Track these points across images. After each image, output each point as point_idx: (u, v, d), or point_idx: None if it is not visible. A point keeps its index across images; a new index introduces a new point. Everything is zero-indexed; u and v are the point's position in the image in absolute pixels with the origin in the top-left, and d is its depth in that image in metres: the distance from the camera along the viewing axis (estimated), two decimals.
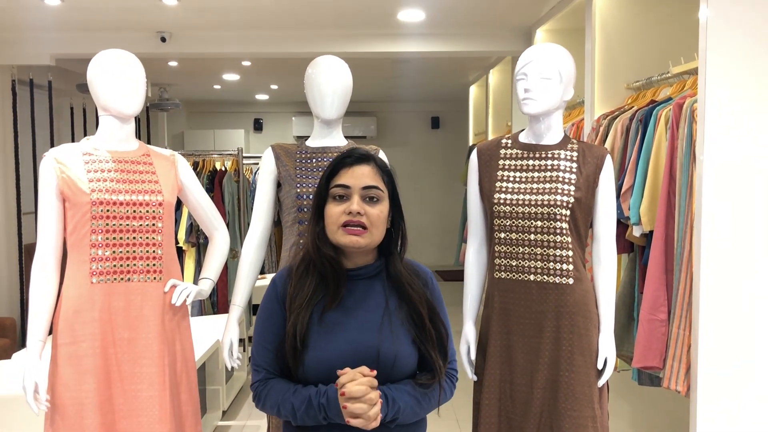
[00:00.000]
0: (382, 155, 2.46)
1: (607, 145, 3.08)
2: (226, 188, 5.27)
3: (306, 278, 1.59)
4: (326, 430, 1.53)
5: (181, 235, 5.00)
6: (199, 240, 5.08)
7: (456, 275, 2.41)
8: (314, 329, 1.54)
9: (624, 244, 2.97)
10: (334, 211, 1.56)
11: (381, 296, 1.60)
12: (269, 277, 5.15)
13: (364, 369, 1.48)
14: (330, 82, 2.37)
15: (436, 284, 1.71)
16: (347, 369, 1.47)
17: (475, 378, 2.27)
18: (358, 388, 1.45)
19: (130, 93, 2.20)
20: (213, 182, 5.30)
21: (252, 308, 5.46)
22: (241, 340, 4.90)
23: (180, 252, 5.12)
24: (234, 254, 4.88)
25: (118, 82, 2.18)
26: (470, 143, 7.68)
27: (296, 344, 1.51)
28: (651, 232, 2.72)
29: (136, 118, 2.30)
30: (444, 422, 4.21)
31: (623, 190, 2.86)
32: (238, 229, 5.26)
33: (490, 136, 6.45)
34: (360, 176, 1.57)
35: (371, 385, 1.46)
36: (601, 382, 2.14)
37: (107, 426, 2.12)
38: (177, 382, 2.26)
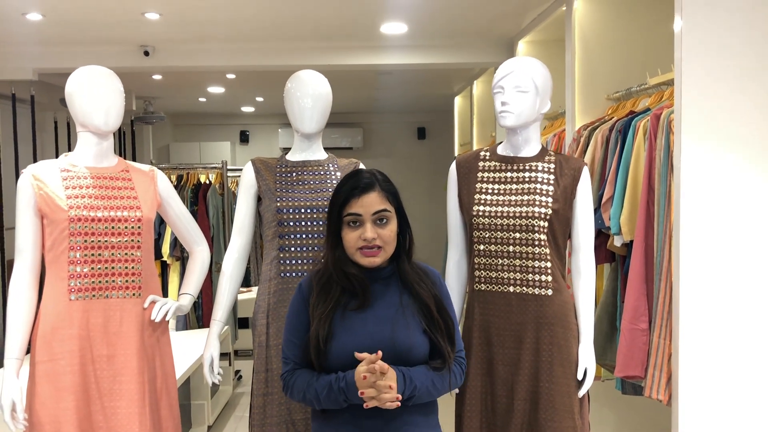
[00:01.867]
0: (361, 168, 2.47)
1: (588, 155, 3.10)
2: (211, 201, 5.25)
3: (328, 290, 1.79)
4: (349, 411, 1.72)
5: (166, 248, 4.98)
6: (183, 254, 5.06)
7: None
8: (337, 326, 1.74)
9: (605, 254, 2.98)
10: (351, 237, 1.77)
11: (395, 294, 1.81)
12: (255, 290, 5.13)
13: (379, 353, 1.67)
14: (309, 97, 2.38)
15: (443, 283, 1.91)
16: (365, 353, 1.67)
17: (456, 390, 2.27)
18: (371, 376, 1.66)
19: (108, 109, 2.19)
20: (197, 195, 5.28)
21: (238, 321, 5.44)
22: (225, 354, 4.88)
23: (164, 266, 5.10)
24: (219, 267, 4.85)
25: (95, 98, 2.17)
26: (456, 154, 7.71)
27: (319, 346, 1.72)
28: (632, 241, 2.74)
29: (121, 131, 2.30)
30: None
31: (604, 200, 2.88)
32: (222, 242, 5.24)
33: (475, 147, 6.48)
34: (369, 204, 1.76)
35: (382, 370, 1.65)
36: (582, 392, 2.15)
37: None
38: (157, 399, 2.25)
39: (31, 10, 4.17)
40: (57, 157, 2.30)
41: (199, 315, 5.27)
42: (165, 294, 4.51)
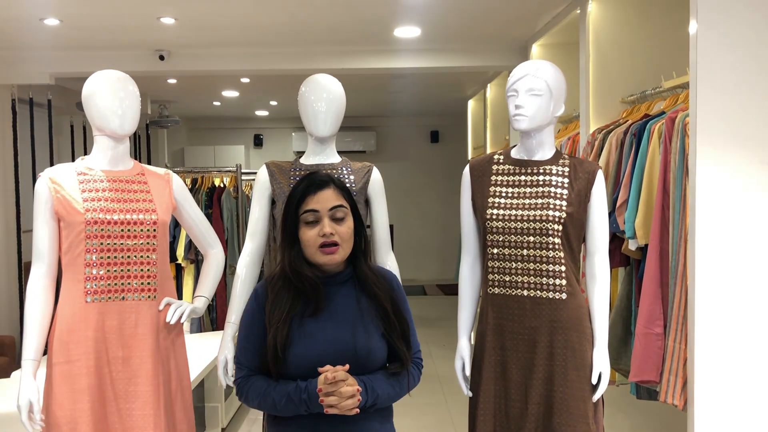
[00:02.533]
0: (375, 172, 2.48)
1: (602, 159, 3.09)
2: (225, 205, 5.28)
3: (283, 294, 1.77)
4: (306, 417, 1.72)
5: (180, 251, 5.01)
6: (198, 257, 5.09)
7: (456, 289, 2.42)
8: (295, 333, 1.73)
9: (620, 257, 2.97)
10: (309, 235, 1.76)
11: (353, 298, 1.80)
12: None
13: (346, 366, 1.68)
14: (323, 100, 2.39)
15: (400, 286, 1.92)
16: (328, 366, 1.67)
17: (470, 394, 2.26)
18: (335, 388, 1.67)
19: (125, 113, 2.21)
20: (212, 199, 5.31)
21: None
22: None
23: (179, 268, 5.13)
24: (233, 270, 4.88)
25: (112, 102, 2.19)
26: (469, 157, 7.70)
27: (277, 354, 1.70)
28: (646, 245, 2.72)
29: (136, 135, 2.33)
30: None
31: (618, 203, 2.86)
32: (236, 245, 5.27)
33: (489, 150, 6.47)
34: (325, 200, 1.77)
35: (343, 378, 1.66)
36: (596, 397, 2.14)
37: None
38: (172, 401, 2.26)
39: (48, 16, 4.21)
40: (73, 160, 2.33)
41: (213, 318, 5.30)
42: (180, 296, 4.53)
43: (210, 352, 3.88)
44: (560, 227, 2.14)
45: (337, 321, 1.76)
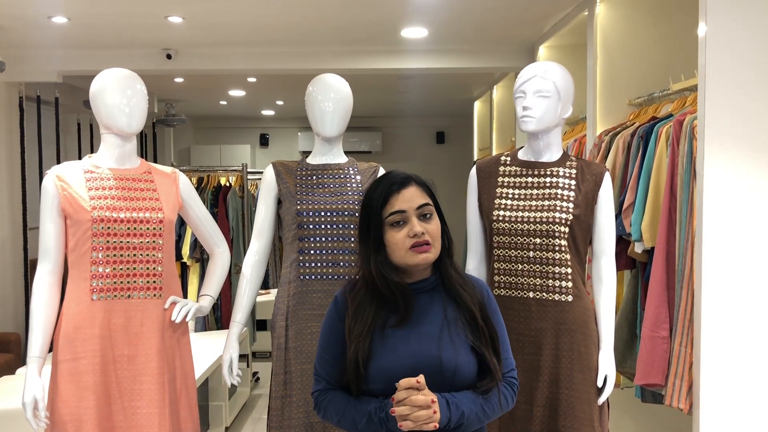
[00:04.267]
0: (381, 172, 2.48)
1: (609, 161, 3.08)
2: (231, 204, 5.28)
3: (365, 307, 1.63)
4: None
5: (186, 250, 5.01)
6: (203, 255, 5.09)
7: None
8: (376, 346, 1.59)
9: (626, 260, 2.96)
10: (398, 237, 1.60)
11: (440, 307, 1.64)
12: (273, 292, 5.16)
13: (421, 376, 1.51)
14: (330, 100, 2.39)
15: (491, 296, 1.73)
16: (404, 380, 1.50)
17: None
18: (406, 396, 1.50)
19: (132, 111, 2.21)
20: (217, 198, 5.32)
21: (256, 324, 5.46)
22: (243, 356, 4.90)
23: (184, 267, 5.14)
24: (238, 269, 4.88)
25: (119, 100, 2.20)
26: (475, 158, 7.69)
27: (359, 370, 1.57)
28: (653, 248, 2.71)
29: (143, 133, 2.33)
30: None
31: (625, 206, 2.85)
32: (242, 244, 5.27)
33: (494, 152, 6.46)
34: (410, 198, 1.62)
35: (416, 387, 1.50)
36: (601, 399, 2.13)
37: None
38: (176, 399, 2.26)
39: (56, 14, 4.23)
40: (80, 158, 2.33)
41: (218, 316, 5.30)
42: (185, 295, 4.53)
43: (215, 351, 3.88)
44: (567, 229, 2.13)
45: (422, 332, 1.60)
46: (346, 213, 2.33)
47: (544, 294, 2.14)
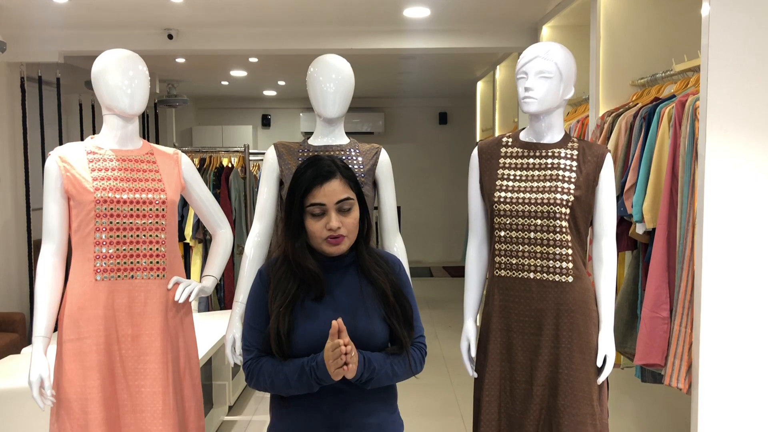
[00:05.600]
0: (383, 153, 2.48)
1: (611, 142, 3.08)
2: (233, 185, 5.29)
3: (286, 281, 1.78)
4: (307, 398, 1.74)
5: (188, 231, 5.03)
6: (206, 236, 5.12)
7: (463, 271, 2.43)
8: (297, 316, 1.75)
9: (627, 241, 2.97)
10: (316, 227, 1.76)
11: (355, 282, 1.82)
12: None
13: (339, 319, 1.67)
14: (331, 81, 2.38)
15: (402, 269, 1.92)
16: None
17: (475, 375, 2.28)
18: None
19: (134, 92, 2.22)
20: (219, 179, 5.33)
21: None
22: None
23: (187, 248, 5.16)
24: (241, 250, 4.91)
25: (121, 81, 2.20)
26: (477, 139, 7.68)
27: (281, 339, 1.72)
28: (654, 229, 2.72)
29: (144, 114, 2.33)
30: (449, 418, 4.23)
31: (626, 187, 2.86)
32: (244, 225, 5.29)
33: (497, 132, 6.45)
34: (332, 192, 1.75)
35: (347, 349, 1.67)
36: (601, 379, 2.15)
37: (111, 421, 2.15)
38: (180, 378, 2.29)
39: None
40: (82, 139, 2.34)
41: (220, 297, 5.34)
42: (188, 276, 4.56)
43: (218, 331, 3.91)
44: (568, 210, 2.14)
45: (339, 304, 1.78)
46: None
47: (545, 275, 2.15)
